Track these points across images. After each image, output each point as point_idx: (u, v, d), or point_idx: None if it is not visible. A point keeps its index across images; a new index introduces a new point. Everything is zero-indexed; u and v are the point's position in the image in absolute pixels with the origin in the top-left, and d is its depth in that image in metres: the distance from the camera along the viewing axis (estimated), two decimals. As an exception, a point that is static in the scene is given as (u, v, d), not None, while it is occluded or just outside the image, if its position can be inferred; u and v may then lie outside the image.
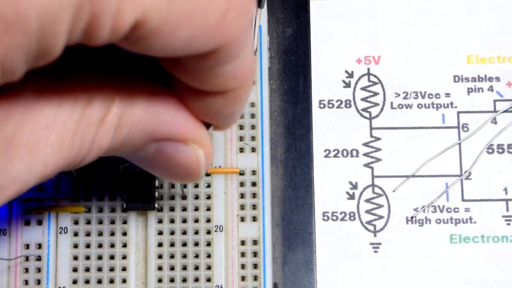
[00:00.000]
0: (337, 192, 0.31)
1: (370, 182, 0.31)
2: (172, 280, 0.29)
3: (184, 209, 0.30)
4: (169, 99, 0.21)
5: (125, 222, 0.30)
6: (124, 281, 0.29)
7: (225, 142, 0.30)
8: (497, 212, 0.31)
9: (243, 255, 0.30)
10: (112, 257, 0.30)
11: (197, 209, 0.30)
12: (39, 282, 0.29)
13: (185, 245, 0.30)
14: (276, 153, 0.31)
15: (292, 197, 0.31)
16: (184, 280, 0.29)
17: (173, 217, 0.30)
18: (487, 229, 0.31)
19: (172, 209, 0.30)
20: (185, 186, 0.30)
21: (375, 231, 0.31)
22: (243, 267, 0.30)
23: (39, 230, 0.30)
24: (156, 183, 0.30)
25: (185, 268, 0.29)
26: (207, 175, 0.30)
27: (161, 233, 0.30)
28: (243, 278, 0.29)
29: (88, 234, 0.30)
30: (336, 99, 0.32)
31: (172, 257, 0.29)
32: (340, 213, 0.31)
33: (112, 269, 0.29)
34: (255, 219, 0.30)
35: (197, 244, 0.30)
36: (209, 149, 0.22)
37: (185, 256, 0.29)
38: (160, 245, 0.30)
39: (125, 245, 0.30)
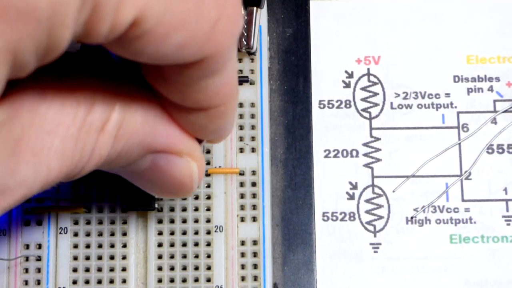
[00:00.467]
0: (337, 192, 0.31)
1: (370, 182, 0.31)
2: (172, 280, 0.29)
3: (184, 209, 0.30)
4: (163, 111, 0.21)
5: (125, 222, 0.30)
6: (124, 281, 0.29)
7: (225, 142, 0.30)
8: (497, 212, 0.31)
9: (243, 255, 0.30)
10: (112, 258, 0.30)
11: (197, 209, 0.30)
12: (39, 282, 0.29)
13: (185, 245, 0.30)
14: (276, 153, 0.31)
15: (292, 197, 0.31)
16: (184, 280, 0.29)
17: (173, 217, 0.30)
18: (487, 229, 0.31)
19: (172, 209, 0.30)
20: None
21: (375, 231, 0.31)
22: (243, 267, 0.30)
23: (39, 230, 0.30)
24: (156, 184, 0.30)
25: (185, 268, 0.29)
26: (207, 175, 0.30)
27: (161, 233, 0.30)
28: (243, 278, 0.29)
29: (88, 234, 0.30)
30: (336, 99, 0.32)
31: (172, 257, 0.29)
32: (340, 213, 0.31)
33: (112, 270, 0.29)
34: (255, 219, 0.30)
35: (197, 244, 0.30)
36: (201, 163, 0.23)
37: (185, 256, 0.29)
38: (160, 245, 0.30)
39: (125, 246, 0.30)
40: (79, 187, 0.30)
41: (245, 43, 0.30)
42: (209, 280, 0.29)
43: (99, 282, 0.29)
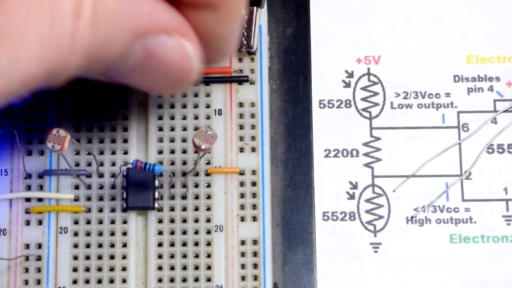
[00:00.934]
0: (337, 192, 0.31)
1: (370, 182, 0.31)
2: (172, 280, 0.29)
3: (184, 209, 0.30)
4: None
5: (125, 222, 0.30)
6: (124, 281, 0.29)
7: (225, 142, 0.30)
8: (497, 212, 0.31)
9: (243, 255, 0.30)
10: (112, 257, 0.30)
11: (197, 209, 0.30)
12: (39, 282, 0.29)
13: (185, 245, 0.30)
14: (276, 153, 0.31)
15: (292, 197, 0.31)
16: (184, 280, 0.29)
17: (173, 217, 0.30)
18: (487, 229, 0.31)
19: (172, 209, 0.30)
20: (184, 186, 0.30)
21: (375, 231, 0.31)
22: (243, 267, 0.30)
23: (39, 230, 0.30)
24: (156, 183, 0.30)
25: (185, 268, 0.29)
26: (207, 175, 0.30)
27: (161, 233, 0.30)
28: (243, 278, 0.29)
29: (88, 234, 0.30)
30: (336, 99, 0.32)
31: (172, 257, 0.29)
32: (340, 213, 0.31)
33: (112, 269, 0.29)
34: (255, 219, 0.30)
35: (197, 244, 0.30)
36: (194, 40, 0.22)
37: (185, 256, 0.29)
38: (160, 245, 0.30)
39: (125, 245, 0.30)
40: (79, 187, 0.30)
41: (245, 42, 0.30)
42: (209, 279, 0.29)
43: (99, 281, 0.29)
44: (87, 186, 0.30)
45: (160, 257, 0.30)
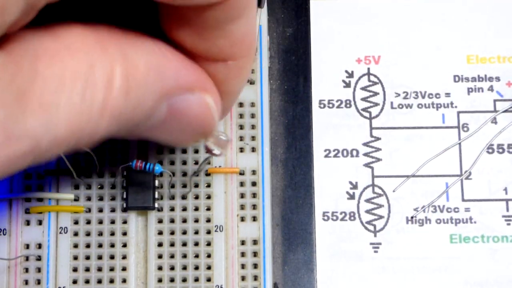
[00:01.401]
0: (337, 192, 0.31)
1: (370, 182, 0.31)
2: (172, 280, 0.29)
3: (184, 209, 0.30)
4: (163, 48, 0.21)
5: (125, 222, 0.30)
6: (124, 281, 0.29)
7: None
8: (497, 212, 0.31)
9: (243, 255, 0.30)
10: (112, 257, 0.30)
11: (197, 209, 0.30)
12: (39, 282, 0.29)
13: (185, 245, 0.30)
14: (276, 153, 0.31)
15: (292, 197, 0.31)
16: (184, 280, 0.29)
17: (173, 217, 0.30)
18: (487, 229, 0.31)
19: (172, 209, 0.30)
20: (184, 186, 0.30)
21: (375, 231, 0.31)
22: (243, 267, 0.30)
23: (39, 230, 0.30)
24: (156, 183, 0.30)
25: (185, 268, 0.29)
26: (207, 175, 0.30)
27: (161, 233, 0.30)
28: (243, 278, 0.29)
29: (88, 234, 0.30)
30: (336, 99, 0.32)
31: (172, 257, 0.29)
32: (340, 213, 0.31)
33: (112, 269, 0.29)
34: (255, 219, 0.30)
35: (197, 244, 0.30)
36: (216, 94, 0.22)
37: (185, 256, 0.29)
38: (160, 245, 0.30)
39: (125, 245, 0.30)
40: (79, 187, 0.30)
41: (245, 42, 0.30)
42: (209, 279, 0.29)
43: (99, 281, 0.29)
44: (87, 186, 0.30)
45: (160, 257, 0.30)
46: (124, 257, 0.30)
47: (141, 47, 0.20)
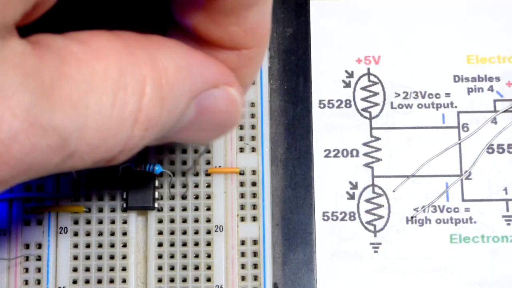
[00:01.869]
0: (337, 192, 0.31)
1: (370, 182, 0.31)
2: (172, 280, 0.29)
3: (184, 209, 0.30)
4: (184, 46, 0.20)
5: (125, 222, 0.30)
6: (124, 281, 0.29)
7: (225, 142, 0.30)
8: (497, 212, 0.31)
9: (243, 255, 0.30)
10: (112, 257, 0.30)
11: (197, 209, 0.30)
12: (39, 282, 0.29)
13: (185, 245, 0.30)
14: (276, 153, 0.31)
15: (292, 197, 0.31)
16: (184, 280, 0.29)
17: (173, 217, 0.30)
18: (487, 229, 0.31)
19: (172, 209, 0.30)
20: (184, 186, 0.30)
21: (375, 231, 0.31)
22: (243, 267, 0.30)
23: (39, 230, 0.30)
24: (156, 183, 0.30)
25: (185, 268, 0.29)
26: (207, 175, 0.30)
27: (161, 233, 0.30)
28: (243, 278, 0.29)
29: (88, 234, 0.30)
30: (336, 99, 0.32)
31: (172, 257, 0.29)
32: (340, 213, 0.31)
33: (112, 269, 0.29)
34: (255, 219, 0.30)
35: (197, 244, 0.30)
36: (238, 86, 0.22)
37: (185, 256, 0.29)
38: (160, 245, 0.30)
39: (125, 245, 0.30)
40: (79, 187, 0.30)
41: (245, 42, 0.30)
42: (209, 279, 0.29)
43: (99, 281, 0.29)
44: (87, 186, 0.30)
45: (160, 257, 0.30)
46: (124, 257, 0.30)
47: (167, 48, 0.20)
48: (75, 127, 0.17)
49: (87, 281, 0.29)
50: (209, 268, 0.29)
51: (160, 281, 0.29)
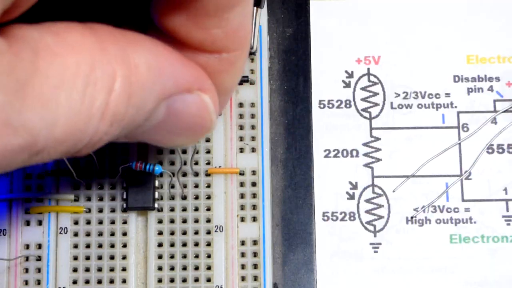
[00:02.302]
0: (337, 192, 0.31)
1: (370, 182, 0.31)
2: (172, 280, 0.29)
3: (184, 209, 0.30)
4: (160, 46, 0.20)
5: (125, 222, 0.30)
6: (124, 281, 0.29)
7: (225, 142, 0.30)
8: (497, 212, 0.31)
9: (243, 255, 0.30)
10: (112, 257, 0.30)
11: (197, 209, 0.30)
12: (39, 282, 0.29)
13: (185, 245, 0.30)
14: (276, 153, 0.31)
15: (292, 197, 0.31)
16: (184, 280, 0.29)
17: (173, 217, 0.30)
18: (487, 229, 0.31)
19: (172, 209, 0.30)
20: (185, 186, 0.30)
21: (375, 231, 0.31)
22: (243, 267, 0.30)
23: (39, 230, 0.30)
24: (156, 183, 0.30)
25: (185, 268, 0.29)
26: (207, 175, 0.30)
27: (161, 233, 0.30)
28: (243, 278, 0.29)
29: (88, 234, 0.30)
30: (336, 99, 0.32)
31: (172, 257, 0.29)
32: (340, 213, 0.31)
33: (112, 269, 0.29)
34: (255, 219, 0.30)
35: (197, 244, 0.30)
36: (213, 93, 0.22)
37: (185, 256, 0.29)
38: (160, 245, 0.30)
39: (125, 245, 0.30)
40: (79, 187, 0.30)
41: (245, 43, 0.30)
42: (209, 280, 0.29)
43: (99, 282, 0.29)
44: (87, 186, 0.30)
45: (160, 257, 0.30)
46: (124, 258, 0.30)
47: (140, 46, 0.20)
48: (46, 124, 0.18)
49: (87, 282, 0.29)
50: (209, 268, 0.29)
51: (160, 281, 0.29)
